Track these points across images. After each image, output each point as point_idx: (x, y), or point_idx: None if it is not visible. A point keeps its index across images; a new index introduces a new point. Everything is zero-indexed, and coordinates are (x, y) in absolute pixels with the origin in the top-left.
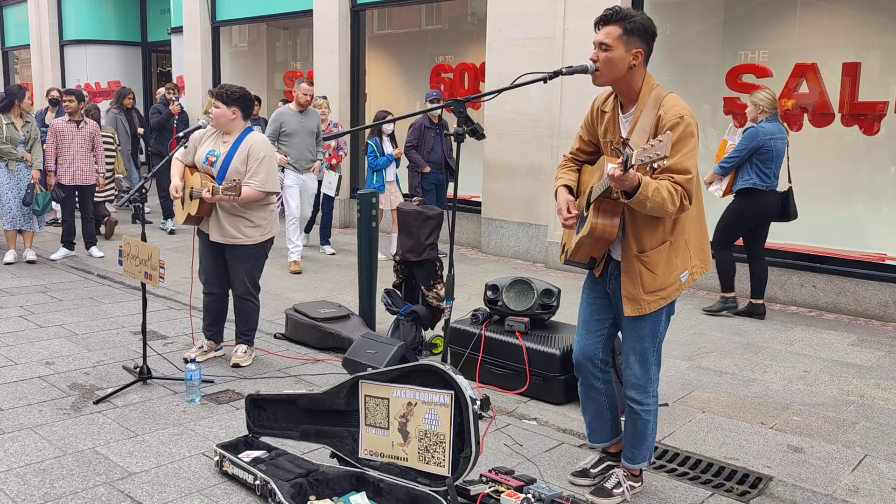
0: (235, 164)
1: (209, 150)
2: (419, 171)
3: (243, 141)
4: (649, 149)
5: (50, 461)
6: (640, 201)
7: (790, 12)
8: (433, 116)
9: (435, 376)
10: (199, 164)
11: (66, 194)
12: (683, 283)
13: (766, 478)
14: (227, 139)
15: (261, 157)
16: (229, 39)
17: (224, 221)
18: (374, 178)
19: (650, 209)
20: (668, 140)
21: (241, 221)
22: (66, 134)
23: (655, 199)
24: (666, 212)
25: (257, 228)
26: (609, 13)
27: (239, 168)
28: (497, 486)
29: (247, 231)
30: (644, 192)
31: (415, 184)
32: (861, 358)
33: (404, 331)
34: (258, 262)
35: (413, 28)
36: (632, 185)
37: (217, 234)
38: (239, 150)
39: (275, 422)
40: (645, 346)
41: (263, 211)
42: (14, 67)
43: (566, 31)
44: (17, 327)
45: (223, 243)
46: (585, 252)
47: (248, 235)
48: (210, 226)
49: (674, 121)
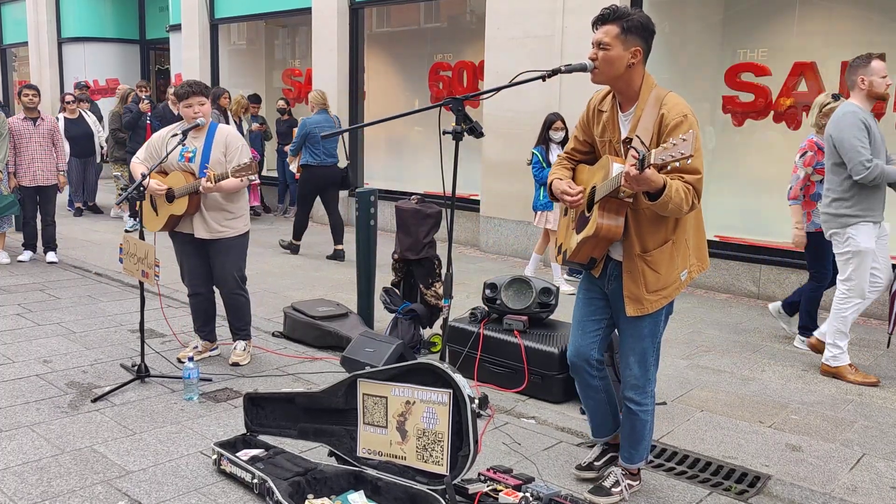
0: (216, 154)
1: (182, 148)
2: None
3: (216, 132)
4: (671, 147)
5: (47, 459)
6: (664, 203)
7: (789, 11)
8: None
9: (433, 375)
10: (174, 163)
11: (25, 196)
12: (683, 281)
13: (764, 476)
14: (197, 134)
15: (239, 145)
16: (228, 37)
17: (208, 216)
18: (542, 192)
19: (671, 210)
20: (692, 139)
21: (224, 214)
22: (23, 133)
23: (676, 199)
24: (682, 211)
25: (239, 219)
26: (607, 12)
27: (220, 158)
28: (495, 484)
29: (230, 223)
30: (669, 192)
31: None
32: (859, 357)
33: (403, 329)
34: (243, 253)
35: (412, 26)
36: (656, 186)
37: (203, 231)
38: (215, 141)
39: (273, 420)
40: (645, 346)
41: (241, 201)
42: (12, 65)
43: (565, 30)
44: (14, 325)
45: (209, 239)
46: (586, 252)
47: (232, 227)
48: (194, 224)
49: (678, 119)
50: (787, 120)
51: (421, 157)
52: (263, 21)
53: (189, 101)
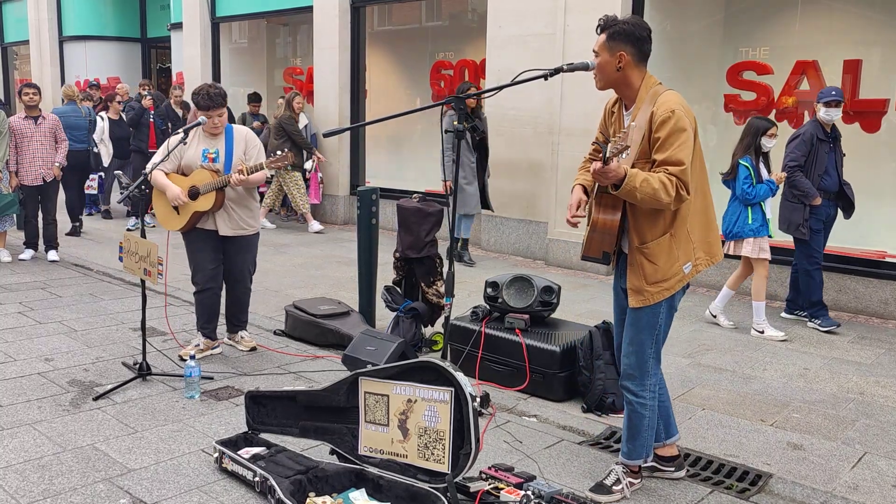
0: (238, 153)
1: (203, 149)
2: (807, 203)
3: (234, 133)
4: (617, 141)
5: (49, 457)
6: (628, 191)
7: (791, 9)
8: (825, 125)
9: (435, 373)
10: (197, 164)
11: (27, 195)
12: (686, 274)
13: (765, 475)
14: (216, 134)
15: (257, 143)
16: (229, 35)
17: (232, 214)
18: (750, 215)
19: (642, 200)
20: (630, 131)
21: (245, 212)
22: (24, 131)
23: (645, 189)
24: (661, 202)
25: (255, 218)
26: (599, 23)
27: (241, 157)
28: (497, 482)
29: (250, 221)
30: (631, 182)
31: (797, 220)
32: (861, 355)
33: (404, 327)
34: (256, 250)
35: (413, 24)
36: (616, 177)
37: (226, 228)
38: (235, 141)
39: (274, 418)
40: (642, 337)
41: (256, 200)
42: (13, 63)
43: (566, 28)
44: (16, 323)
45: (231, 236)
46: (596, 247)
47: (251, 225)
48: (217, 221)
49: (665, 115)
50: (789, 118)
51: (422, 155)
52: (265, 19)
53: (209, 113)
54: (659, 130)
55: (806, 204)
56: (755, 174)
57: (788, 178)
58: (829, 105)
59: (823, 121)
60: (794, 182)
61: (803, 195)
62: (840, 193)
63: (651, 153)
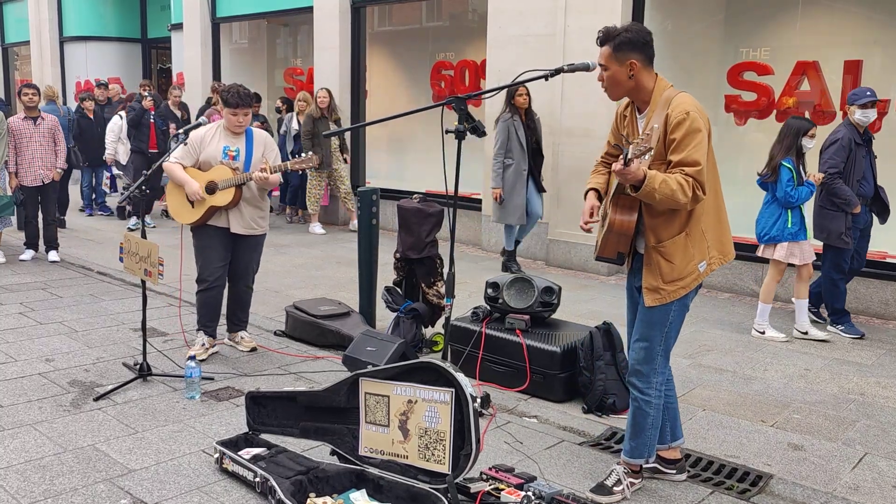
0: (257, 154)
1: (224, 146)
2: (847, 211)
3: (253, 133)
4: (640, 143)
5: (50, 458)
6: (647, 193)
7: (792, 10)
8: (859, 127)
9: (435, 374)
10: (217, 160)
11: (27, 196)
12: (702, 272)
13: (766, 476)
14: (237, 132)
15: (275, 148)
16: (229, 36)
17: (245, 212)
18: (790, 218)
19: (660, 201)
20: (654, 133)
21: (257, 212)
22: (24, 132)
23: (664, 190)
24: (678, 202)
25: (265, 219)
26: (599, 36)
27: (260, 157)
28: (497, 483)
29: (260, 221)
30: (650, 183)
31: (838, 229)
32: (861, 356)
33: (404, 328)
34: (262, 250)
35: (414, 25)
36: (636, 178)
37: (239, 226)
38: (255, 142)
39: (275, 419)
40: (652, 333)
41: (267, 201)
42: (14, 64)
43: (567, 28)
44: (17, 324)
45: (243, 234)
46: (612, 248)
47: (261, 225)
48: (230, 218)
49: (680, 117)
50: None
51: (423, 156)
52: (265, 20)
53: (236, 111)
54: (674, 132)
55: (847, 212)
56: (797, 174)
57: (828, 185)
58: (864, 107)
59: (859, 123)
60: (835, 190)
61: (845, 203)
62: (875, 198)
63: (666, 154)
